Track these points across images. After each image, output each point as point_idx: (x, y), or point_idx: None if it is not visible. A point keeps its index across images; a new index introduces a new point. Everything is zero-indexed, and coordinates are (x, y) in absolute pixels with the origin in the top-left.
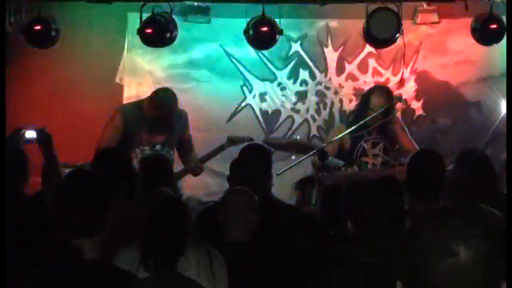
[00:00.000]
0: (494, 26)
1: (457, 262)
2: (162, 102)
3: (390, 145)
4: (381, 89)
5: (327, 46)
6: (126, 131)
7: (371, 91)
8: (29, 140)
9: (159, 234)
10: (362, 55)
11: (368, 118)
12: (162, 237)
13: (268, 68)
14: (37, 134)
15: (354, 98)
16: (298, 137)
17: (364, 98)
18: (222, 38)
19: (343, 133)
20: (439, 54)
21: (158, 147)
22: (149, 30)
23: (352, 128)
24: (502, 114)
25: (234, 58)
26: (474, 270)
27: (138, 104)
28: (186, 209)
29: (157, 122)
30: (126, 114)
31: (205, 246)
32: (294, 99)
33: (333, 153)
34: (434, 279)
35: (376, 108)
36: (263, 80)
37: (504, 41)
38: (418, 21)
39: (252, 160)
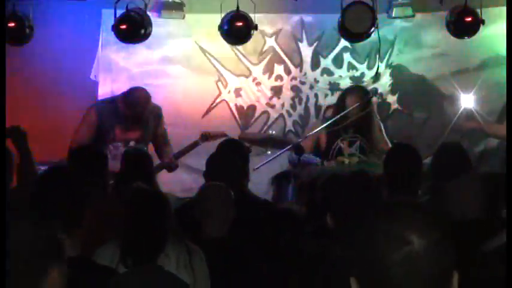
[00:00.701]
0: (469, 19)
1: (412, 250)
2: (136, 101)
3: (367, 145)
4: (357, 89)
5: (301, 41)
6: (99, 128)
7: (346, 92)
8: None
9: (139, 231)
10: (337, 49)
11: (345, 112)
12: (143, 234)
13: (243, 63)
14: (11, 132)
15: (329, 92)
16: (273, 132)
17: (340, 99)
18: (197, 33)
19: (319, 127)
20: (414, 47)
21: (132, 143)
22: (124, 27)
23: (329, 122)
24: (462, 109)
25: (209, 54)
26: (428, 258)
27: (111, 101)
28: (168, 205)
29: (131, 118)
30: (99, 111)
31: (185, 242)
32: (269, 94)
33: (311, 147)
34: (390, 270)
35: (352, 110)
36: (238, 75)
37: (479, 33)
38: (393, 15)
39: (229, 156)
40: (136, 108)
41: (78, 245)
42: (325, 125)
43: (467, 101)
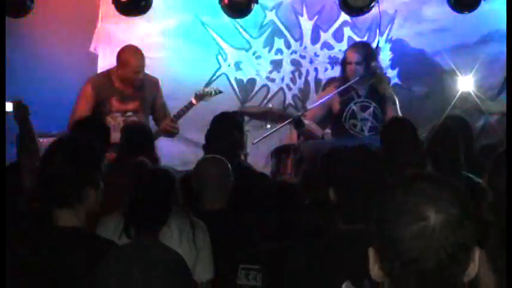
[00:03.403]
0: None
1: (427, 225)
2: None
3: (380, 111)
4: (354, 45)
5: (302, 15)
6: (97, 101)
7: (348, 48)
8: (6, 113)
9: (142, 204)
10: (337, 24)
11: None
12: (146, 208)
13: (243, 37)
14: (13, 107)
15: (329, 66)
16: (273, 106)
17: (343, 57)
18: (197, 7)
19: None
20: (415, 22)
21: (129, 113)
22: None
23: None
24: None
25: (209, 27)
26: (444, 233)
27: (107, 73)
28: (172, 180)
29: (128, 88)
30: (95, 84)
31: (188, 216)
32: (269, 68)
33: (322, 115)
34: (405, 243)
35: (351, 61)
36: (238, 49)
37: (480, 8)
38: None
39: (228, 129)
40: (130, 65)
41: (79, 216)
42: (331, 94)
43: (468, 78)
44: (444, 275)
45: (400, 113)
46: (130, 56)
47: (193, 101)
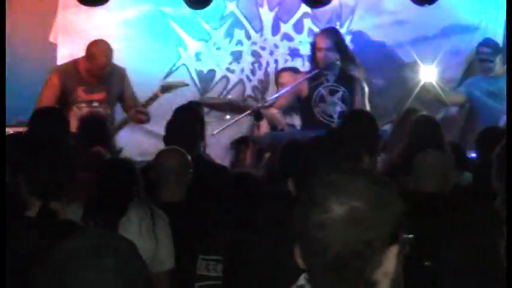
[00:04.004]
0: None
1: (330, 217)
2: (99, 51)
3: (349, 96)
4: (324, 30)
5: (262, 6)
6: (63, 91)
7: (317, 33)
8: None
9: (101, 194)
10: (298, 15)
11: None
12: (104, 198)
13: (203, 28)
14: None
15: (289, 58)
16: (232, 97)
17: (312, 41)
18: None
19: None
20: (375, 14)
21: (96, 104)
22: None
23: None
24: (424, 81)
25: (169, 18)
26: (346, 227)
27: (73, 63)
28: (133, 170)
29: (94, 79)
30: (61, 73)
31: (149, 206)
32: (229, 59)
33: (289, 103)
34: (310, 235)
35: (322, 47)
36: (198, 40)
37: (440, 0)
38: None
39: (188, 120)
40: (98, 60)
41: (66, 208)
42: (300, 79)
43: (428, 70)
44: (347, 270)
45: (367, 101)
46: (98, 52)
47: (159, 93)
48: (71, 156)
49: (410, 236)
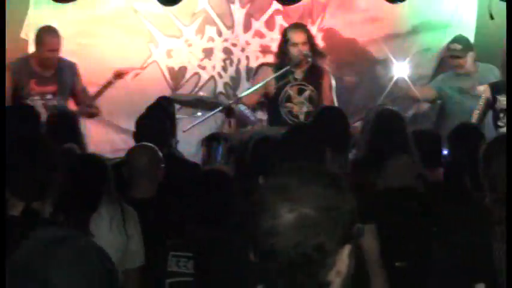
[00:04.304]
0: None
1: (279, 223)
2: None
3: (316, 96)
4: (298, 25)
5: (233, 3)
6: (15, 85)
7: (287, 28)
8: None
9: (72, 191)
10: (269, 12)
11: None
12: (75, 194)
13: (175, 24)
14: None
15: (260, 55)
16: (204, 94)
17: (283, 37)
18: None
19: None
20: (347, 11)
21: (49, 96)
22: None
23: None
24: (397, 77)
25: (141, 14)
26: (295, 233)
27: (25, 57)
28: (104, 166)
29: (45, 71)
30: (13, 68)
31: (119, 203)
32: (200, 55)
33: (258, 100)
34: (261, 239)
35: (298, 42)
36: (170, 36)
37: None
38: None
39: (158, 116)
40: (46, 43)
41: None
42: (269, 78)
43: (400, 67)
44: (299, 274)
45: (335, 96)
46: (45, 34)
47: (112, 79)
48: (49, 155)
49: (360, 225)
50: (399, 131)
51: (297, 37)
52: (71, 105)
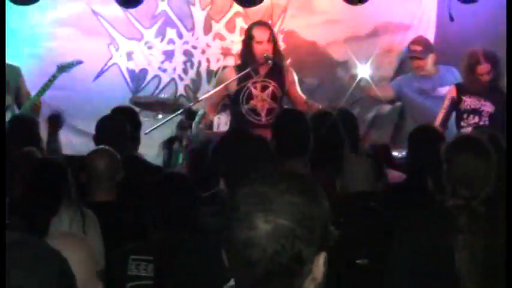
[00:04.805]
0: None
1: (255, 235)
2: None
3: (279, 92)
4: (262, 23)
5: (194, 5)
6: None
7: (252, 26)
8: None
9: (32, 195)
10: (229, 14)
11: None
12: (35, 198)
13: (135, 26)
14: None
15: (221, 57)
16: (165, 96)
17: (247, 35)
18: None
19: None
20: (307, 13)
21: None
22: None
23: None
24: (361, 76)
25: (101, 16)
26: (272, 244)
27: None
28: (64, 169)
29: None
30: None
31: (79, 206)
32: (161, 58)
33: (221, 102)
34: (237, 249)
35: (262, 40)
36: (130, 38)
37: (371, 1)
38: None
39: (118, 119)
40: None
41: None
42: (232, 78)
43: (362, 69)
44: (275, 284)
45: (300, 92)
46: None
47: (56, 73)
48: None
49: (332, 228)
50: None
51: (261, 35)
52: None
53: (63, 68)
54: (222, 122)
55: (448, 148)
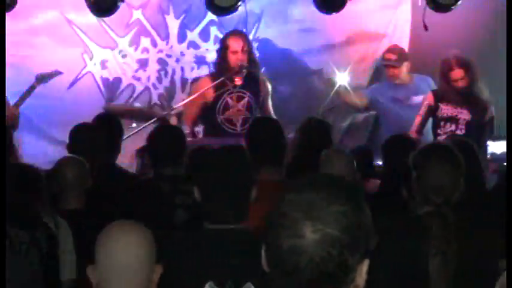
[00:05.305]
0: None
1: (302, 243)
2: None
3: (255, 101)
4: (237, 32)
5: (168, 14)
6: None
7: (227, 36)
8: None
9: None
10: (204, 23)
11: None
12: (11, 208)
13: (109, 35)
14: None
15: (195, 65)
16: (139, 105)
17: (222, 44)
18: (63, 4)
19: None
20: (281, 22)
21: None
22: None
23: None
24: (339, 84)
25: (75, 25)
26: (319, 252)
27: None
28: (39, 178)
29: None
30: None
31: (52, 215)
32: (135, 66)
33: (196, 111)
34: (282, 255)
35: (237, 49)
36: (104, 47)
37: (346, 8)
38: None
39: (91, 128)
40: None
41: None
42: (207, 87)
43: (340, 76)
44: None
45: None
46: None
47: (35, 84)
48: None
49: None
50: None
51: (236, 44)
52: None
53: (42, 79)
54: (199, 131)
55: (416, 156)
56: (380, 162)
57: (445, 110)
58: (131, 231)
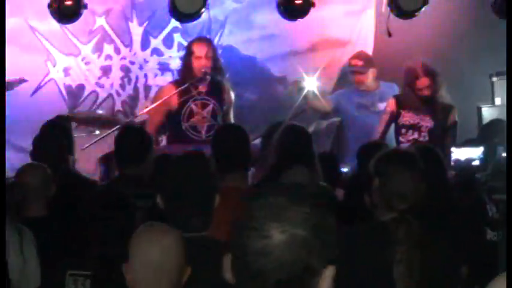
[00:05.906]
0: (299, 1)
1: (270, 244)
2: None
3: (219, 108)
4: (202, 38)
5: (132, 20)
6: None
7: (192, 41)
8: None
9: None
10: (167, 30)
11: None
12: None
13: (72, 42)
14: None
15: (159, 72)
16: (102, 112)
17: (187, 50)
18: (26, 11)
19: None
20: (245, 29)
21: None
22: None
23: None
24: (307, 90)
25: (38, 32)
26: (287, 254)
27: None
28: (4, 187)
29: None
30: None
31: (15, 224)
32: (98, 73)
33: (160, 119)
34: (250, 257)
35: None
36: (67, 54)
37: (310, 15)
38: None
39: (54, 135)
40: None
41: None
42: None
43: (308, 81)
44: None
45: (232, 117)
46: None
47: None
48: None
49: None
50: (305, 147)
51: (201, 50)
52: None
53: (8, 86)
54: (162, 139)
55: (377, 162)
56: (345, 169)
57: (407, 117)
58: (165, 232)
